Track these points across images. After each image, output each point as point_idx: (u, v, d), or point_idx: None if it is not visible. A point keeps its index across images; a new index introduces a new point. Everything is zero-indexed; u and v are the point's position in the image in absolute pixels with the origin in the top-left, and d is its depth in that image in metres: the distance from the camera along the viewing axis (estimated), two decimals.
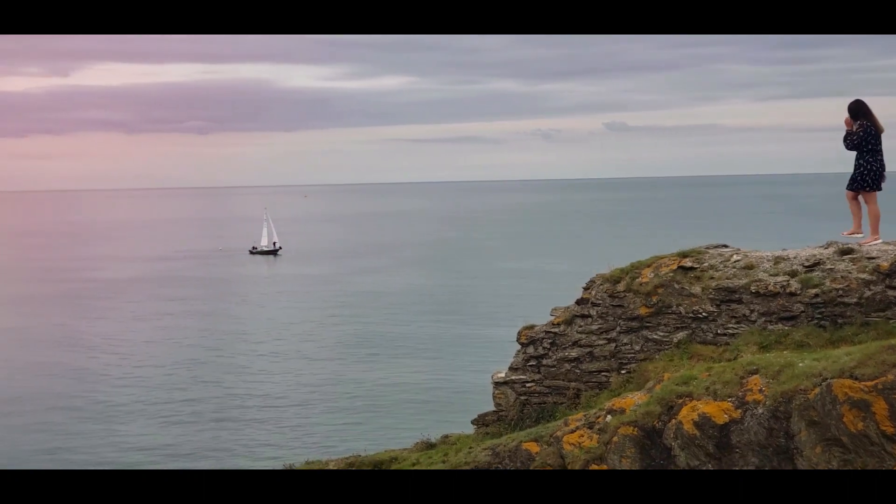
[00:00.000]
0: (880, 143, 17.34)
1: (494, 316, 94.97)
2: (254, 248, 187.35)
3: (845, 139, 17.46)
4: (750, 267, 16.73)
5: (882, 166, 17.45)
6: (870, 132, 17.23)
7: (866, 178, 17.33)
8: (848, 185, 17.60)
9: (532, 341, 18.84)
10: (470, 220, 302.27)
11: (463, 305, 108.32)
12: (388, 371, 75.87)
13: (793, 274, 16.13)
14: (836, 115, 17.26)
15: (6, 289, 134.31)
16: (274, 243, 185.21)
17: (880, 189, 17.46)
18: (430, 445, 18.82)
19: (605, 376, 17.76)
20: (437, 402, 63.73)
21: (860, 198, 17.61)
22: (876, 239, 16.99)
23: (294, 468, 18.36)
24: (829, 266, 15.98)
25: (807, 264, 16.22)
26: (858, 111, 17.28)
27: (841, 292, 15.47)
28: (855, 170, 17.42)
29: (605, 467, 13.89)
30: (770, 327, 15.86)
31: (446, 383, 70.11)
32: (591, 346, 18.09)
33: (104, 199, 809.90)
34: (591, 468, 14.01)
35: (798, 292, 15.78)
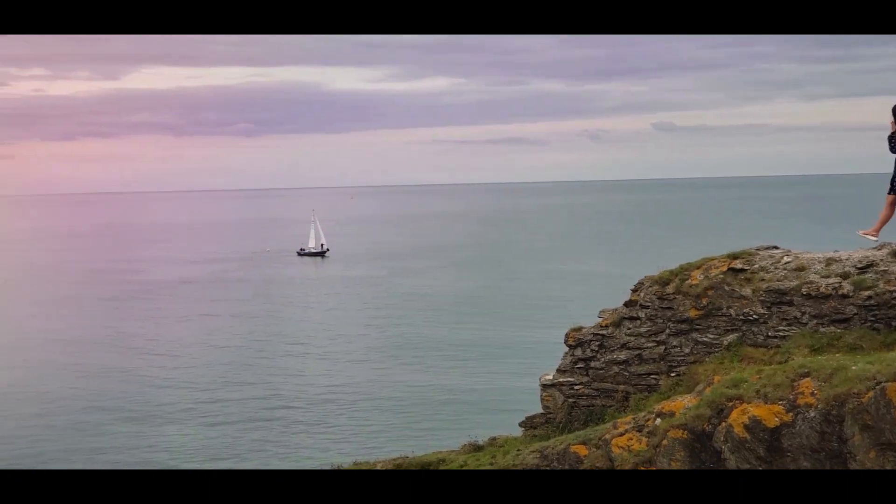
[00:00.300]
0: None
1: (542, 318, 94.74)
2: (301, 249, 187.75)
3: (890, 140, 16.88)
4: (801, 269, 16.55)
5: None
6: None
7: None
8: (891, 189, 17.03)
9: (580, 343, 18.76)
10: (516, 221, 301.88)
11: (510, 307, 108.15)
12: (436, 373, 75.93)
13: (845, 276, 15.94)
14: (886, 115, 16.94)
15: (55, 290, 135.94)
16: (321, 245, 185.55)
17: None
18: (477, 447, 18.78)
19: (655, 379, 17.64)
20: (484, 404, 63.66)
21: None
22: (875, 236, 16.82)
23: (342, 469, 18.40)
24: (882, 268, 15.78)
25: (859, 266, 16.02)
26: None
27: (895, 294, 15.27)
28: None
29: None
30: (822, 330, 15.68)
31: (494, 385, 70.03)
32: (639, 348, 17.98)
33: (152, 201, 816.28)
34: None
35: (850, 294, 15.59)
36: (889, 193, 17.07)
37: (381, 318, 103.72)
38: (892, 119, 16.88)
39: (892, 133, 16.83)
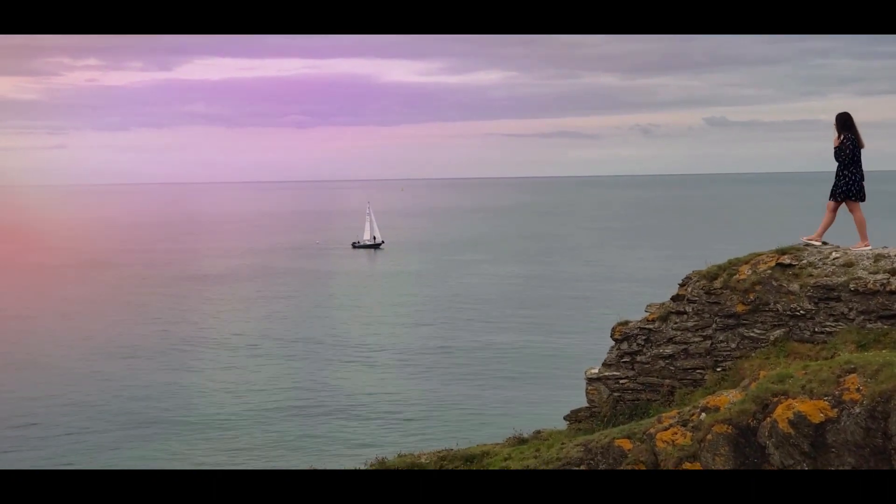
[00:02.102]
0: (860, 156, 18.38)
1: (589, 311, 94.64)
2: (356, 241, 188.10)
3: (838, 153, 18.29)
4: (849, 265, 16.48)
5: (862, 177, 18.41)
6: (856, 145, 18.16)
7: (852, 189, 18.24)
8: (832, 196, 18.51)
9: (626, 337, 18.76)
10: (566, 214, 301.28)
11: (558, 301, 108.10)
12: (481, 365, 76.05)
13: (893, 272, 15.85)
14: None
15: (108, 278, 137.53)
16: (374, 237, 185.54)
17: (864, 200, 18.42)
18: (522, 440, 18.81)
19: (700, 374, 17.61)
20: (530, 398, 63.69)
21: (842, 207, 18.63)
22: (866, 245, 17.72)
23: (386, 462, 18.51)
24: None
25: None
26: (846, 124, 18.19)
27: None
28: (840, 181, 18.29)
29: (698, 465, 13.79)
30: (869, 326, 15.61)
31: (538, 378, 70.06)
32: (686, 343, 17.95)
33: (205, 192, 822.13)
34: (684, 466, 13.93)
35: None
36: (830, 200, 18.53)
37: (432, 312, 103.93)
38: (834, 130, 18.34)
39: (839, 147, 18.22)
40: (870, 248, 17.47)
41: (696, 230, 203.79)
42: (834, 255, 17.01)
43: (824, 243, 18.01)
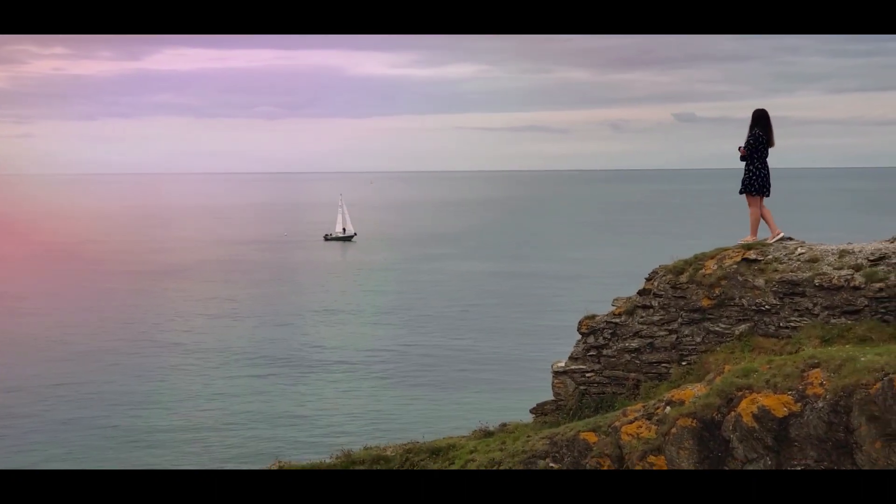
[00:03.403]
0: (767, 154, 18.88)
1: (556, 305, 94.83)
2: (328, 234, 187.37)
3: (746, 146, 18.89)
4: (814, 260, 16.57)
5: (767, 173, 18.94)
6: (760, 141, 18.64)
7: (754, 184, 18.79)
8: (741, 190, 19.10)
9: (593, 331, 18.81)
10: (535, 209, 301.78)
11: (525, 295, 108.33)
12: (448, 359, 76.09)
13: (857, 268, 15.96)
14: None
15: (73, 269, 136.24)
16: (344, 230, 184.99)
17: (765, 195, 18.90)
18: (488, 433, 18.85)
19: (666, 367, 17.68)
20: (496, 391, 63.75)
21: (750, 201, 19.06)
22: (753, 239, 18.33)
23: (352, 454, 18.51)
24: (894, 260, 15.80)
25: (872, 258, 16.03)
26: (758, 121, 18.74)
27: None
28: (744, 175, 18.93)
29: (662, 458, 13.86)
30: (833, 321, 15.71)
31: (506, 371, 70.16)
32: (652, 336, 18.02)
33: (174, 182, 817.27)
34: (648, 459, 13.99)
35: (862, 286, 15.61)
36: (740, 193, 19.17)
37: (399, 304, 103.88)
38: (743, 144, 18.84)
39: (742, 157, 18.85)
40: (752, 241, 18.12)
41: (665, 225, 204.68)
42: (799, 250, 17.11)
43: (789, 238, 18.13)
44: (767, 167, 19.03)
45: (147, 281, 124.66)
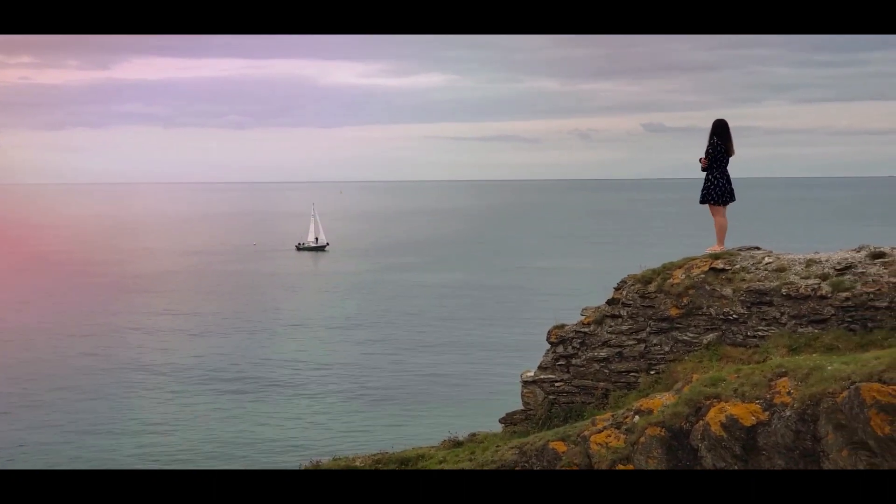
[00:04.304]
0: (727, 163, 19.18)
1: (525, 315, 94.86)
2: (301, 243, 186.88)
3: (706, 156, 19.18)
4: (781, 269, 16.65)
5: (728, 181, 19.22)
6: (719, 150, 18.97)
7: (713, 193, 19.17)
8: (701, 199, 19.48)
9: (562, 341, 18.85)
10: (506, 218, 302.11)
11: (494, 304, 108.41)
12: (417, 369, 75.92)
13: (824, 277, 16.05)
14: (878, 119, 17.67)
15: (40, 281, 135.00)
16: (316, 239, 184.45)
17: (725, 204, 19.31)
18: (457, 443, 18.85)
19: (634, 377, 17.73)
20: (465, 401, 63.69)
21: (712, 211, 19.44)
22: (721, 248, 18.52)
23: (321, 465, 18.44)
24: (860, 270, 15.89)
25: (838, 267, 16.13)
26: (716, 130, 19.04)
27: (872, 296, 15.37)
28: (704, 184, 19.28)
29: (631, 467, 13.87)
30: (800, 330, 15.79)
31: (475, 381, 70.11)
32: (620, 346, 18.07)
33: (142, 192, 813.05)
34: (617, 468, 14.01)
35: (829, 295, 15.70)
36: (700, 203, 19.52)
37: (369, 316, 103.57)
38: (704, 154, 19.19)
39: (704, 167, 19.20)
40: (720, 250, 18.29)
41: (632, 233, 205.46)
42: (767, 259, 17.19)
43: (756, 248, 18.23)
44: (727, 176, 19.26)
45: (111, 292, 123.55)
